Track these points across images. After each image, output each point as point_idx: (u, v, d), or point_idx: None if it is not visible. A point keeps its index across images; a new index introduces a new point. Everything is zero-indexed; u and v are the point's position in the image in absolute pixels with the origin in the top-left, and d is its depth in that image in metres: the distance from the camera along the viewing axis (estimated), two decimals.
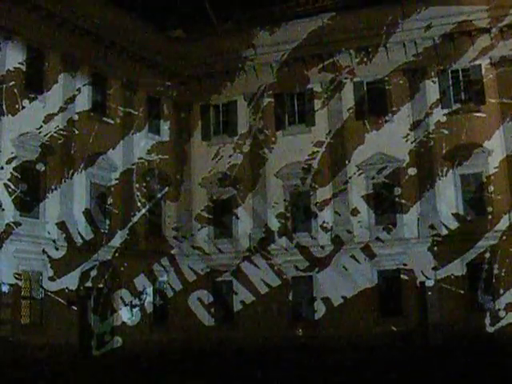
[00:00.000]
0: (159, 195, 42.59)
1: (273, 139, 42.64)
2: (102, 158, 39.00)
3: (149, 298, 40.18)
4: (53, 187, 36.06)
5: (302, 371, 23.54)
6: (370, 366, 25.31)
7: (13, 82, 34.59)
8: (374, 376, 20.94)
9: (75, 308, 35.67)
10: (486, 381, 18.17)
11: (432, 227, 38.40)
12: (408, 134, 39.84)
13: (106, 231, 38.55)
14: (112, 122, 40.16)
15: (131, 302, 38.76)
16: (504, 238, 37.10)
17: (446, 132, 39.20)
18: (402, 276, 38.65)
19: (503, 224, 37.41)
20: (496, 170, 38.08)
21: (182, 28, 45.07)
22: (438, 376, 20.21)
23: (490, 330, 36.01)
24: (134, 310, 38.83)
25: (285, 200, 41.91)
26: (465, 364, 24.04)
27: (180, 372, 24.75)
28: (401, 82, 40.58)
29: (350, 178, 40.52)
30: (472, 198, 38.62)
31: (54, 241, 35.41)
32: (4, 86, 34.12)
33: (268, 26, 42.69)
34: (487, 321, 36.28)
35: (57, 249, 35.36)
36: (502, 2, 38.44)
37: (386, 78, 40.82)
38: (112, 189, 39.58)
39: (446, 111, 39.62)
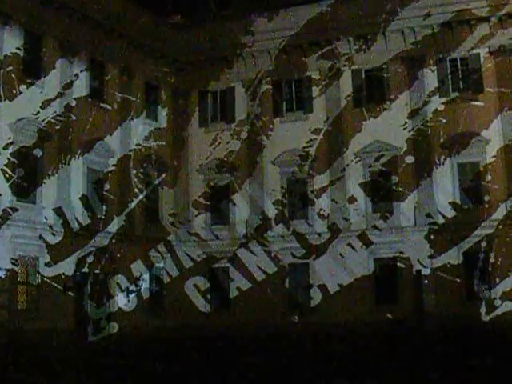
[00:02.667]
0: (156, 181, 42.63)
1: (270, 126, 42.61)
2: (99, 144, 38.95)
3: (145, 284, 40.26)
4: (50, 173, 36.07)
5: (297, 358, 23.59)
6: (365, 353, 25.37)
7: (10, 67, 34.55)
8: (369, 363, 21.00)
9: (72, 294, 35.74)
10: (481, 369, 18.23)
11: (429, 216, 38.46)
12: (406, 123, 39.81)
13: (103, 217, 38.56)
14: (109, 107, 40.12)
15: (128, 287, 38.83)
16: (500, 227, 37.18)
17: (444, 121, 39.19)
18: (398, 264, 38.75)
19: (500, 213, 37.49)
20: (493, 159, 38.15)
21: (181, 14, 44.96)
22: (432, 364, 20.26)
23: (486, 318, 36.10)
24: (131, 295, 38.90)
25: (282, 187, 41.94)
26: (460, 352, 24.11)
27: (176, 358, 24.81)
28: (399, 70, 40.53)
29: (347, 165, 40.53)
30: (469, 187, 38.68)
31: (50, 226, 35.44)
32: (1, 71, 34.10)
33: (266, 13, 42.56)
34: (483, 309, 36.38)
35: (53, 234, 35.41)
36: None
37: (385, 66, 40.78)
38: (109, 175, 39.57)
39: (444, 100, 39.58)
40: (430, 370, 18.23)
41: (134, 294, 39.08)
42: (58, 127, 36.63)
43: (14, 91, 34.61)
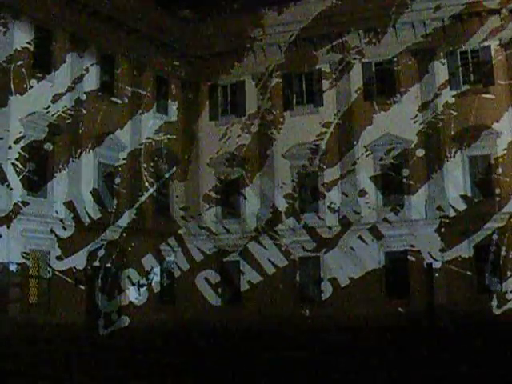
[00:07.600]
0: (167, 175, 42.65)
1: (281, 119, 42.59)
2: (109, 138, 39.05)
3: (156, 278, 40.31)
4: (61, 167, 36.18)
5: (308, 351, 23.61)
6: (376, 346, 25.38)
7: (21, 62, 34.63)
8: (380, 357, 21.00)
9: (83, 287, 35.84)
10: (491, 363, 18.21)
11: (440, 209, 38.37)
12: (416, 115, 39.72)
13: (114, 211, 38.65)
14: (120, 101, 40.18)
15: (138, 281, 38.92)
16: None
17: (455, 113, 39.06)
18: (409, 257, 38.66)
19: (511, 206, 37.34)
20: (504, 151, 37.97)
21: (191, 8, 44.93)
22: (443, 358, 20.26)
23: (497, 312, 36.03)
24: (142, 289, 38.99)
25: (292, 180, 41.91)
26: (471, 346, 24.10)
27: (186, 352, 24.84)
28: (409, 62, 40.41)
29: (357, 158, 40.47)
30: (480, 180, 38.56)
31: (61, 220, 35.55)
32: (12, 65, 34.16)
33: (277, 6, 42.50)
34: (494, 303, 36.30)
35: (64, 228, 35.52)
36: None
37: (395, 59, 40.66)
38: (120, 168, 39.65)
39: (454, 92, 39.47)
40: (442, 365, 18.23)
41: (144, 288, 39.16)
42: (68, 121, 36.70)
43: (25, 85, 34.70)
